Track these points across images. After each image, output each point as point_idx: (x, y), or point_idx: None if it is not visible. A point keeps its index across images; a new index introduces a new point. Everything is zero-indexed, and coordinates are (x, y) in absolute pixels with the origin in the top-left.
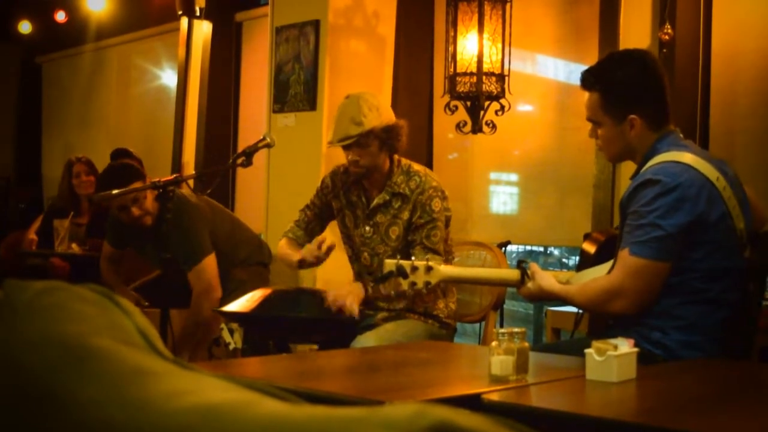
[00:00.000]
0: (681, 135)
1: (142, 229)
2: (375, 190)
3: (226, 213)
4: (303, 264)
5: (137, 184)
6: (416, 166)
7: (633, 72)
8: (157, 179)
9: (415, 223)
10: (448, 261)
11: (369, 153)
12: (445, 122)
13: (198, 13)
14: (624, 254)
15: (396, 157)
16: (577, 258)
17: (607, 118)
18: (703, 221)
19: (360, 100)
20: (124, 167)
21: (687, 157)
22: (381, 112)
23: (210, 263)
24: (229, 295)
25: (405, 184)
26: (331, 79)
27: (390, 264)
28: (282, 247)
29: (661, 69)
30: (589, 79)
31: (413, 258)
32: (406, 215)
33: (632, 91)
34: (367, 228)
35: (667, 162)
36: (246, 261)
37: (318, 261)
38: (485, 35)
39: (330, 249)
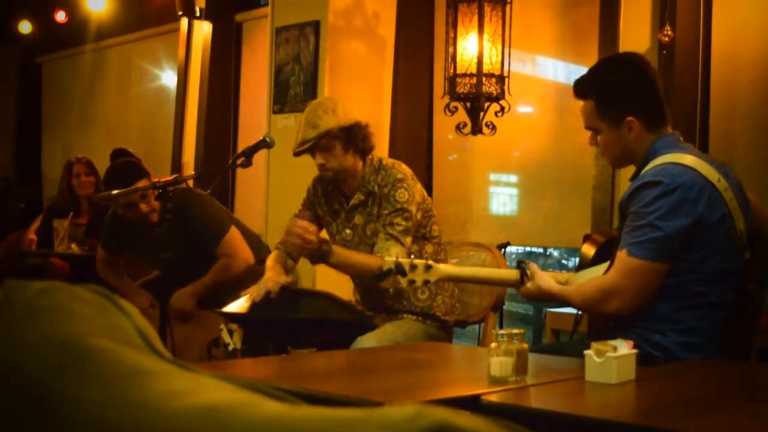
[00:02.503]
0: (681, 138)
1: (143, 229)
2: (353, 193)
3: (227, 212)
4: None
5: (142, 182)
6: (386, 161)
7: (626, 75)
8: (157, 179)
9: (381, 213)
10: (441, 260)
11: (333, 155)
12: (445, 123)
13: (198, 14)
14: (622, 254)
15: (370, 157)
16: (577, 259)
17: (604, 123)
18: (702, 223)
19: (317, 105)
20: (128, 165)
21: (688, 159)
22: (337, 113)
23: (234, 234)
24: (229, 295)
25: (374, 182)
26: (331, 80)
27: (389, 262)
28: (271, 260)
29: (653, 70)
30: (581, 88)
31: (412, 256)
32: (376, 210)
33: (627, 94)
34: (347, 231)
35: (668, 163)
36: None
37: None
38: (485, 36)
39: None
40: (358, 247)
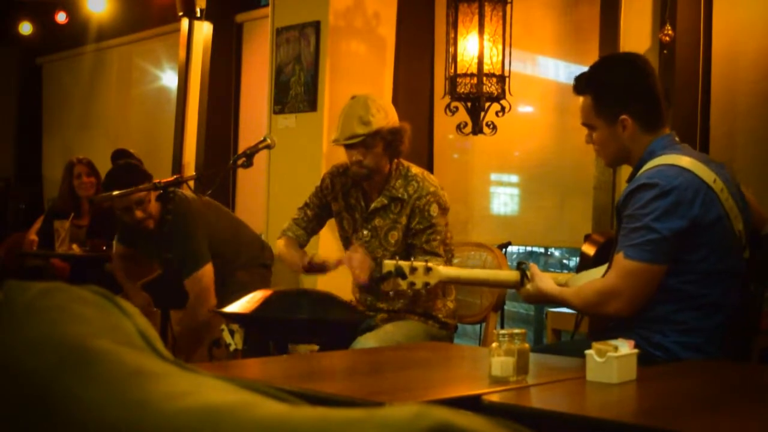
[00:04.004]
0: (677, 138)
1: (145, 229)
2: (374, 193)
3: (229, 215)
4: (310, 268)
5: (144, 186)
6: (414, 169)
7: (622, 73)
8: (158, 180)
9: (414, 228)
10: (447, 260)
11: (373, 154)
12: (446, 123)
13: (198, 14)
14: (619, 257)
15: (396, 160)
16: (578, 259)
17: (599, 120)
18: (698, 224)
19: (368, 100)
20: (131, 168)
21: (684, 161)
22: (388, 113)
23: (207, 272)
24: (231, 297)
25: (403, 189)
26: (332, 80)
27: (389, 265)
28: (283, 247)
29: (651, 71)
30: (580, 84)
31: (412, 259)
32: (404, 220)
33: (622, 92)
34: (365, 232)
35: (663, 165)
36: (248, 263)
37: (325, 269)
38: (486, 36)
39: (338, 263)
40: (376, 250)
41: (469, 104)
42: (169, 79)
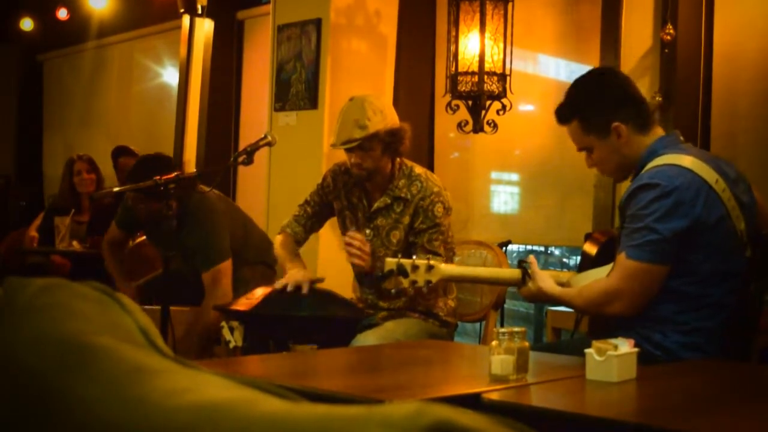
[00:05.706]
0: (681, 137)
1: (155, 223)
2: (376, 192)
3: (240, 212)
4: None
5: (143, 183)
6: (418, 169)
7: (600, 84)
8: (158, 177)
9: (417, 228)
10: (449, 259)
11: (372, 156)
12: (447, 121)
13: (200, 11)
14: (621, 257)
15: (398, 159)
16: (578, 258)
17: (593, 138)
18: (700, 224)
19: (365, 102)
20: (155, 161)
21: (686, 160)
22: (386, 115)
23: (227, 267)
24: (233, 293)
25: (407, 189)
26: (333, 77)
27: (391, 263)
28: (280, 246)
29: (624, 76)
30: (563, 114)
31: (414, 257)
32: (407, 220)
33: (604, 102)
34: (368, 231)
35: (665, 165)
36: (253, 260)
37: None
38: (487, 35)
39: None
40: (378, 249)
41: (470, 102)
42: (170, 76)
